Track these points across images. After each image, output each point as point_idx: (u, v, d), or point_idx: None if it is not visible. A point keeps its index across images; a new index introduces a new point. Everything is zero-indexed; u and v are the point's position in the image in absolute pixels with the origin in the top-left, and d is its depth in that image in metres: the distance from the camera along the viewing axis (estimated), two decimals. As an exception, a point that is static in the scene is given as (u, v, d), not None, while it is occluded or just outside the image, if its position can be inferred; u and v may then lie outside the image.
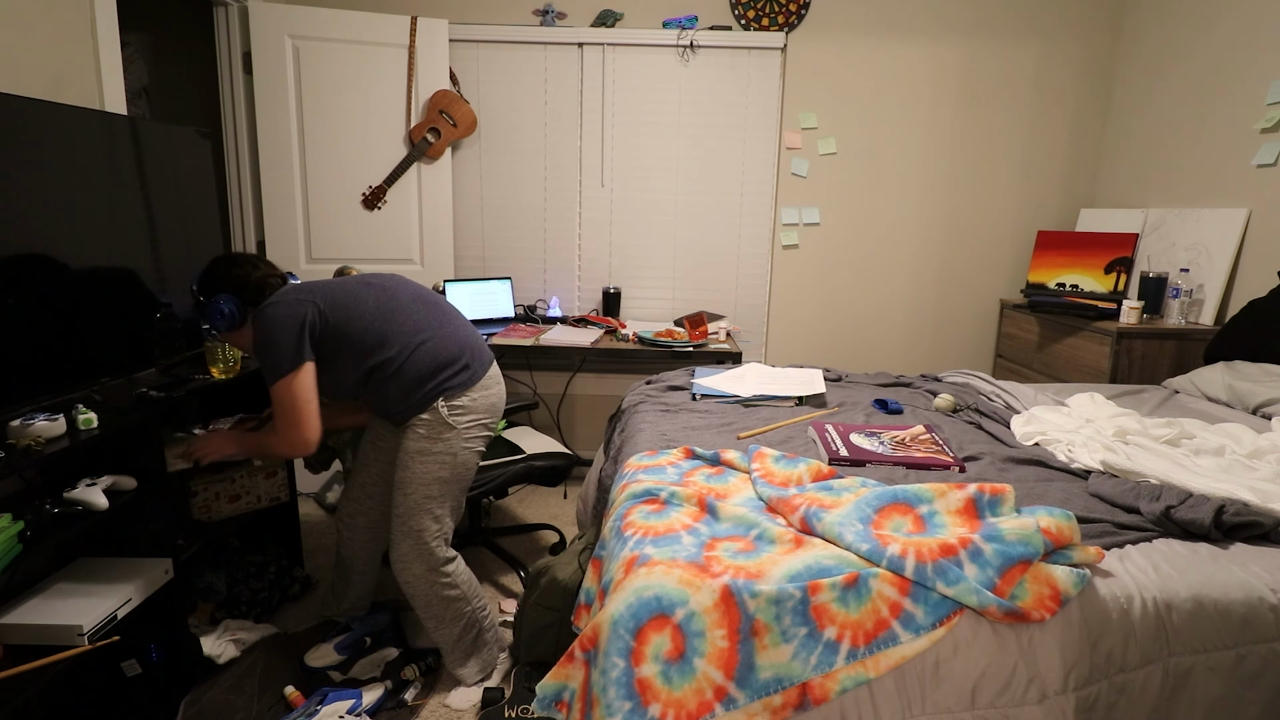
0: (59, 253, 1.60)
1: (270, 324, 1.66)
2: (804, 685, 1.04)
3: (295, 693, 1.77)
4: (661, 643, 1.05)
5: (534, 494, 3.22)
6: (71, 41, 1.95)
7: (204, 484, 2.06)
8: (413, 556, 1.81)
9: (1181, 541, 1.28)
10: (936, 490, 1.31)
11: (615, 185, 3.39)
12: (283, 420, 1.68)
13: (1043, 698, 1.09)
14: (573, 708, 1.12)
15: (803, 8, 3.20)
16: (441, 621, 1.87)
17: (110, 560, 1.77)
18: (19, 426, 1.46)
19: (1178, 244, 2.82)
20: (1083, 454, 1.64)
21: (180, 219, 2.02)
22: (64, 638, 1.50)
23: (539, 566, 1.80)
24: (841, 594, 1.08)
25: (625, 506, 1.38)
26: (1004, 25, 3.24)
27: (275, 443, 1.71)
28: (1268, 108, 2.52)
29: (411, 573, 1.82)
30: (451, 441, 1.79)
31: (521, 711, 1.63)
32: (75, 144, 1.65)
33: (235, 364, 2.04)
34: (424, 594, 1.84)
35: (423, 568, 1.82)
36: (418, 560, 1.81)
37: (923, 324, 3.53)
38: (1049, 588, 1.11)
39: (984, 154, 3.35)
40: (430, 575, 1.83)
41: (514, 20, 3.23)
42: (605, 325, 3.22)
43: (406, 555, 1.81)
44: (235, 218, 3.04)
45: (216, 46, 2.92)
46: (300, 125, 2.94)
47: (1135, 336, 2.58)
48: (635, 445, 1.75)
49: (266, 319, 1.66)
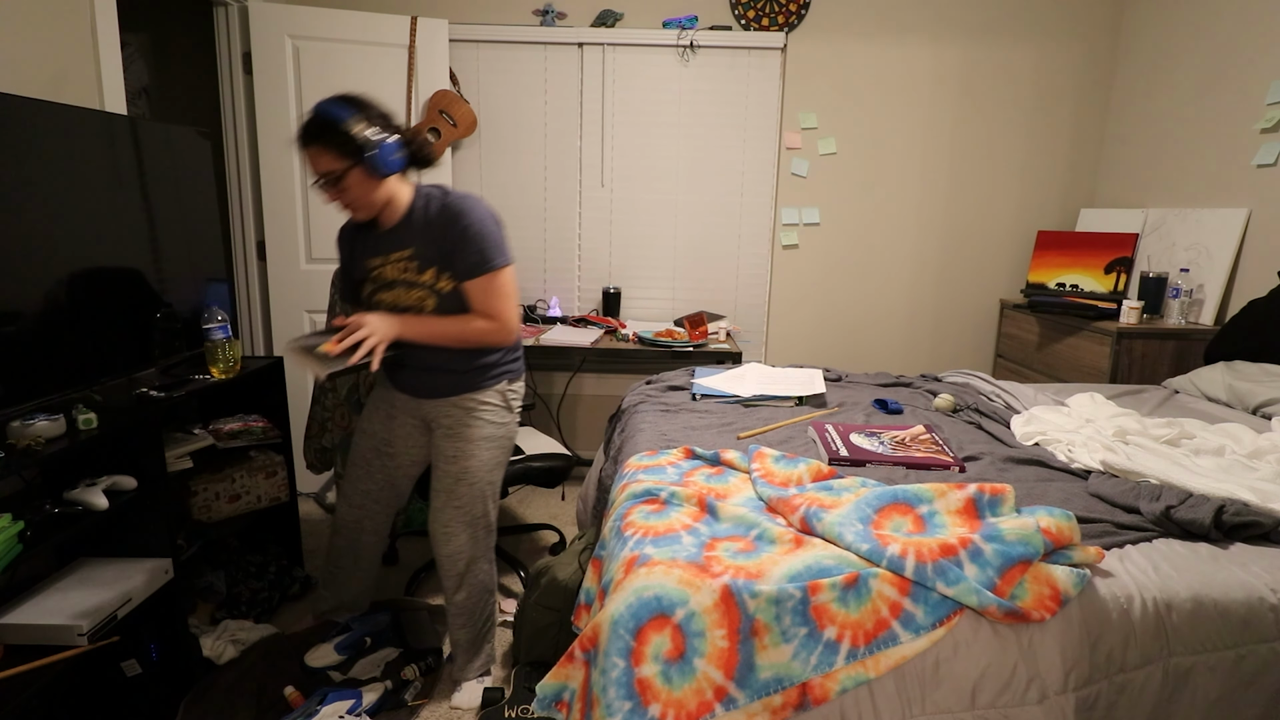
0: (59, 252, 1.60)
1: (483, 213, 1.64)
2: (804, 685, 1.04)
3: (295, 693, 1.77)
4: (661, 643, 1.05)
5: (534, 494, 3.22)
6: (71, 41, 1.95)
7: (204, 484, 2.06)
8: (469, 546, 1.80)
9: (1181, 541, 1.28)
10: (936, 490, 1.31)
11: (615, 185, 3.39)
12: (507, 306, 1.67)
13: (1043, 698, 1.09)
14: (573, 708, 1.12)
15: (803, 8, 3.20)
16: (474, 617, 1.86)
17: (110, 560, 1.77)
18: (19, 426, 1.46)
19: (1178, 244, 2.82)
20: (1083, 454, 1.64)
21: (180, 219, 2.02)
22: (64, 638, 1.50)
23: (539, 566, 1.80)
24: (841, 594, 1.08)
25: (625, 506, 1.38)
26: (1004, 25, 3.24)
27: (491, 331, 1.67)
28: (1268, 108, 2.52)
29: (466, 561, 1.80)
30: (510, 426, 1.82)
31: (521, 711, 1.63)
32: (75, 144, 1.65)
33: (235, 364, 2.04)
34: (475, 585, 1.83)
35: (479, 556, 1.82)
36: (472, 547, 1.81)
37: (923, 324, 3.53)
38: (1049, 588, 1.11)
39: (984, 154, 3.35)
40: (485, 565, 1.84)
41: (514, 20, 3.23)
42: (605, 325, 3.22)
43: (464, 546, 1.80)
44: (235, 218, 3.04)
45: (216, 46, 2.92)
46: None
47: (1135, 336, 2.58)
48: (635, 445, 1.75)
49: (477, 205, 1.64)
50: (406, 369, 1.78)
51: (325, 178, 1.58)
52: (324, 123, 1.57)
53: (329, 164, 1.57)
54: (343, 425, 2.22)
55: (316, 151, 1.57)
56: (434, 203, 1.66)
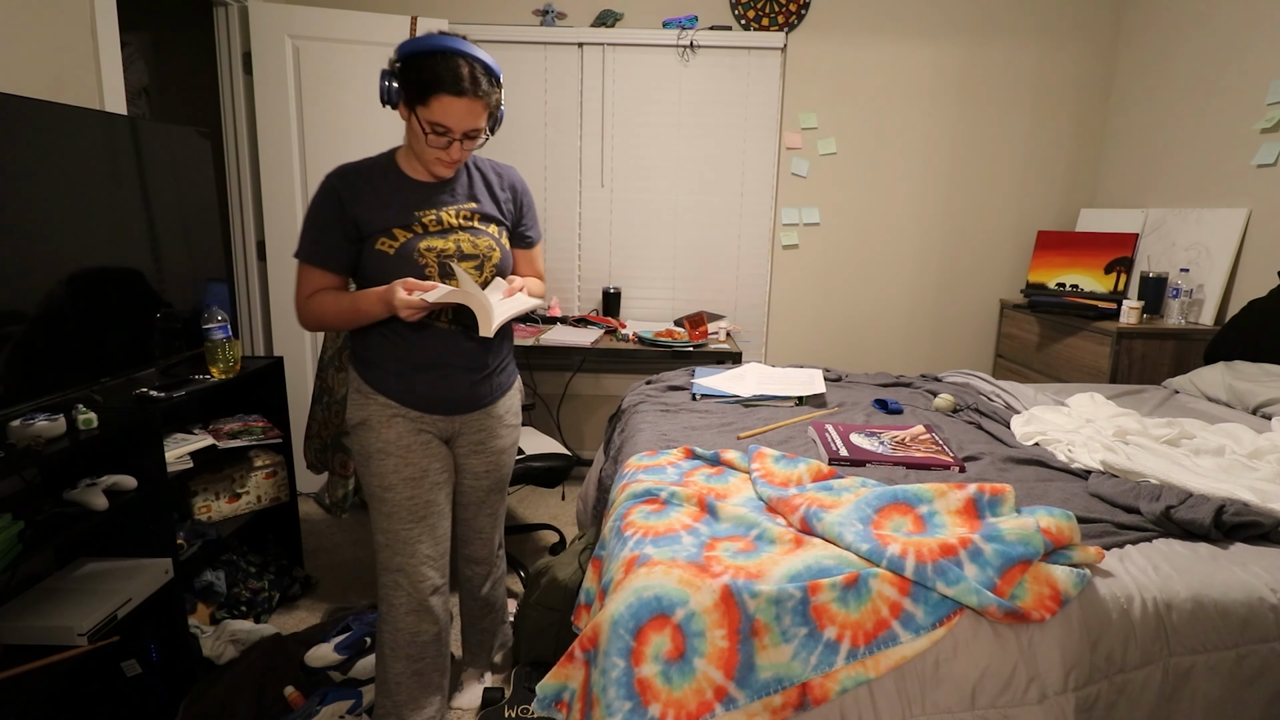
0: (59, 252, 1.60)
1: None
2: (804, 685, 1.04)
3: (295, 693, 1.77)
4: (661, 643, 1.05)
5: (534, 494, 3.22)
6: (71, 41, 1.95)
7: (204, 484, 2.06)
8: (498, 540, 1.81)
9: (1181, 541, 1.28)
10: (936, 490, 1.31)
11: (615, 185, 3.39)
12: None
13: (1043, 698, 1.09)
14: (573, 708, 1.12)
15: (803, 8, 3.20)
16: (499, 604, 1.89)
17: (110, 560, 1.77)
18: (19, 426, 1.46)
19: (1178, 244, 2.82)
20: (1083, 454, 1.64)
21: (180, 219, 2.02)
22: (64, 638, 1.50)
23: (540, 566, 1.80)
24: (841, 594, 1.08)
25: (625, 506, 1.38)
26: (1004, 25, 3.24)
27: (543, 290, 1.73)
28: (1268, 108, 2.52)
29: (496, 555, 1.82)
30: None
31: (521, 711, 1.63)
32: (75, 144, 1.65)
33: (235, 364, 2.04)
34: (499, 574, 1.84)
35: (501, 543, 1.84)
36: (499, 539, 1.82)
37: (923, 324, 3.53)
38: (1049, 588, 1.10)
39: (984, 154, 3.35)
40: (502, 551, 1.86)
41: (514, 20, 3.23)
42: (605, 325, 3.22)
43: (496, 543, 1.81)
44: (235, 218, 3.04)
45: (216, 46, 2.92)
46: (300, 125, 2.94)
47: (1135, 336, 2.58)
48: (635, 445, 1.75)
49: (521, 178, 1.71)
50: (450, 378, 1.52)
51: (468, 134, 1.42)
52: (494, 77, 1.42)
53: (477, 120, 1.41)
54: (340, 426, 2.22)
55: (477, 106, 1.39)
56: (484, 165, 1.63)
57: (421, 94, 1.36)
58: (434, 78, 1.34)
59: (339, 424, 2.20)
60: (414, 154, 1.48)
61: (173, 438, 1.96)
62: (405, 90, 1.38)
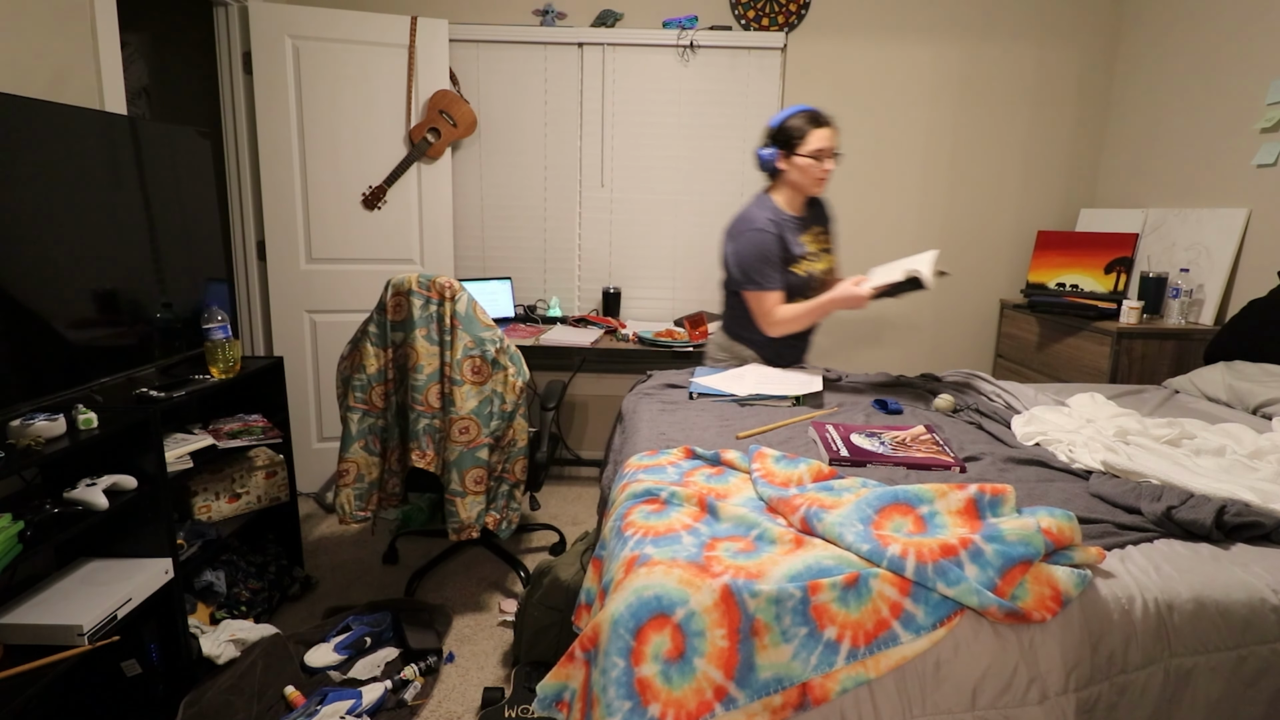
0: (59, 252, 1.60)
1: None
2: (804, 685, 1.04)
3: (295, 693, 1.77)
4: (661, 642, 1.05)
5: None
6: (71, 41, 1.95)
7: (204, 484, 2.06)
8: None
9: (1183, 542, 1.28)
10: (937, 490, 1.31)
11: (615, 185, 3.39)
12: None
13: (1043, 698, 1.08)
14: (573, 708, 1.11)
15: (803, 8, 3.20)
16: None
17: (110, 560, 1.77)
18: (19, 426, 1.46)
19: (1178, 244, 2.82)
20: (1084, 454, 1.64)
21: (180, 219, 2.02)
22: (64, 638, 1.50)
23: (542, 566, 1.80)
24: (842, 594, 1.08)
25: (625, 506, 1.38)
26: (1004, 25, 3.23)
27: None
28: (1268, 108, 2.52)
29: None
30: None
31: (521, 711, 1.63)
32: (75, 144, 1.65)
33: (235, 364, 2.04)
34: None
35: None
36: None
37: (923, 324, 3.53)
38: (1050, 588, 1.10)
39: (984, 154, 3.35)
40: None
41: (514, 20, 3.23)
42: (605, 325, 3.22)
43: None
44: (235, 218, 3.03)
45: (216, 46, 2.92)
46: (300, 125, 2.94)
47: (1135, 336, 2.58)
48: (635, 445, 1.75)
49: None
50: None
51: (836, 156, 2.08)
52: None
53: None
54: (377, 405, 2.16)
55: (836, 132, 2.07)
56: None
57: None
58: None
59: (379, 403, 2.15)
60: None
61: (173, 438, 1.96)
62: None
